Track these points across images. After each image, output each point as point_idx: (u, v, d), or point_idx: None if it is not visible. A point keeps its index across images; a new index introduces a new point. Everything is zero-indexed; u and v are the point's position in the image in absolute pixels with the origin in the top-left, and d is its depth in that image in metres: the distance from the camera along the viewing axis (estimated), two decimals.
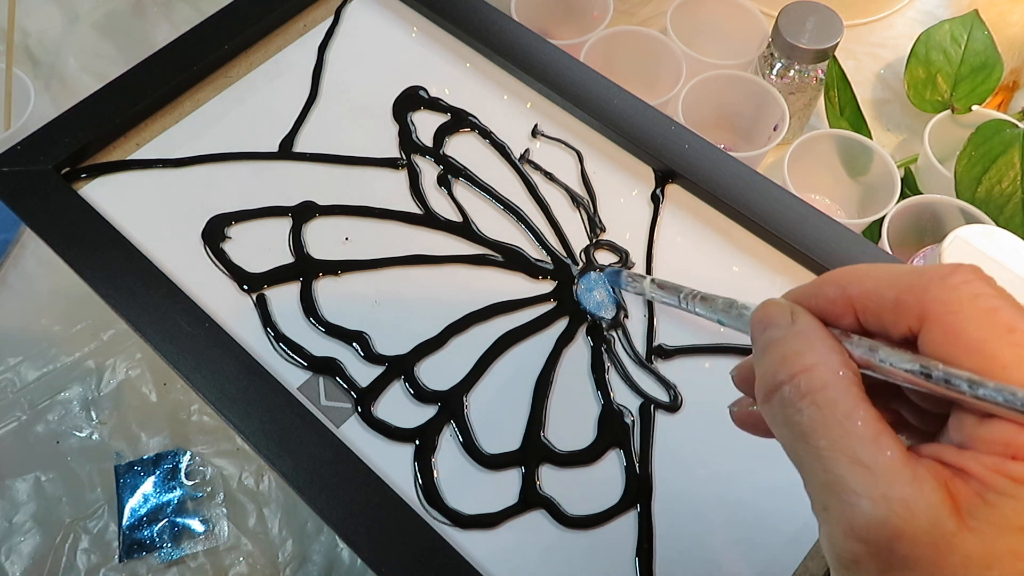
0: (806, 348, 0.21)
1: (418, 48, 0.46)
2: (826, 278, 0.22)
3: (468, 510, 0.34)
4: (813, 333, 0.21)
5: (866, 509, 0.18)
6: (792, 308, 0.22)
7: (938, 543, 0.18)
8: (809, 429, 0.20)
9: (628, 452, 0.35)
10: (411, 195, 0.41)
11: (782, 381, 0.21)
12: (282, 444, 0.34)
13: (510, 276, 0.39)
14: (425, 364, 0.37)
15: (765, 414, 0.22)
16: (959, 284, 0.19)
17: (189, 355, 0.36)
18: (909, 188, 0.57)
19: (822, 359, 0.20)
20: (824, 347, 0.21)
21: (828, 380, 0.20)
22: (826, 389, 0.20)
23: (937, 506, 0.18)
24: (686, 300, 0.31)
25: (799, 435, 0.20)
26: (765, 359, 0.22)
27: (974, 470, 0.18)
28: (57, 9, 0.70)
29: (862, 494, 0.18)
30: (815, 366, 0.20)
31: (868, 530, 0.18)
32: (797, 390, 0.20)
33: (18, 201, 0.40)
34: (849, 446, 0.19)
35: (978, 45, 0.60)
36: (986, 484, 0.18)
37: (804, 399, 0.20)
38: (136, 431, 0.50)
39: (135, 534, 0.47)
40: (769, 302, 0.23)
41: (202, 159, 0.42)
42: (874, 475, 0.18)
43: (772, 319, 0.22)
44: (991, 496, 0.18)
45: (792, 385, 0.20)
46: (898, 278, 0.20)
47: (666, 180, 0.42)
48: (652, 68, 0.60)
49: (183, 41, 0.45)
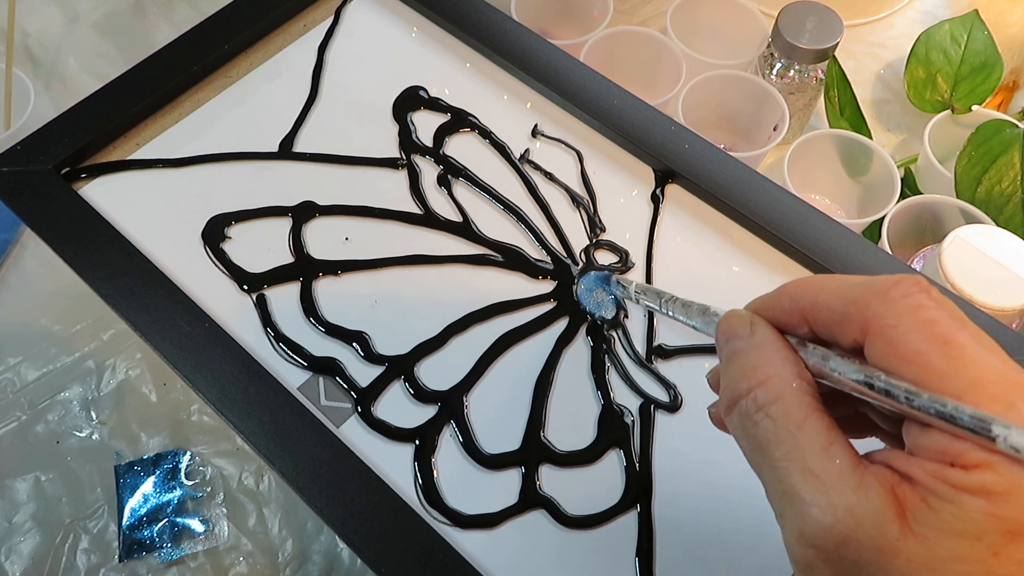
0: (762, 361, 0.22)
1: (418, 48, 0.46)
2: (782, 290, 0.23)
3: (468, 510, 0.34)
4: (770, 345, 0.22)
5: (815, 516, 0.19)
6: (752, 319, 0.23)
7: (882, 547, 0.18)
8: (764, 441, 0.21)
9: (628, 452, 0.35)
10: (411, 195, 0.41)
11: (740, 394, 0.21)
12: (282, 444, 0.34)
13: (510, 276, 0.39)
14: (425, 364, 0.37)
15: (729, 425, 0.22)
16: (898, 297, 0.20)
17: (189, 355, 0.36)
18: (909, 188, 0.57)
19: (776, 372, 0.21)
20: (779, 359, 0.21)
21: (782, 392, 0.21)
22: (780, 401, 0.21)
23: (881, 512, 0.18)
24: (666, 305, 0.31)
25: (756, 447, 0.21)
26: (728, 371, 0.23)
27: (918, 476, 0.19)
28: (57, 9, 0.70)
29: (811, 502, 0.19)
30: (769, 379, 0.21)
31: (817, 536, 0.19)
32: (754, 403, 0.21)
33: (18, 201, 0.40)
34: (800, 456, 0.20)
35: (978, 45, 0.60)
36: (929, 490, 0.18)
37: (760, 411, 0.21)
38: (136, 431, 0.50)
39: (135, 534, 0.47)
40: (732, 313, 0.24)
41: (202, 159, 0.42)
42: (823, 483, 0.19)
43: (734, 330, 0.23)
44: (934, 501, 0.18)
45: (749, 399, 0.21)
46: (845, 291, 0.21)
47: (666, 180, 0.42)
48: (652, 68, 0.60)
49: (183, 41, 0.45)
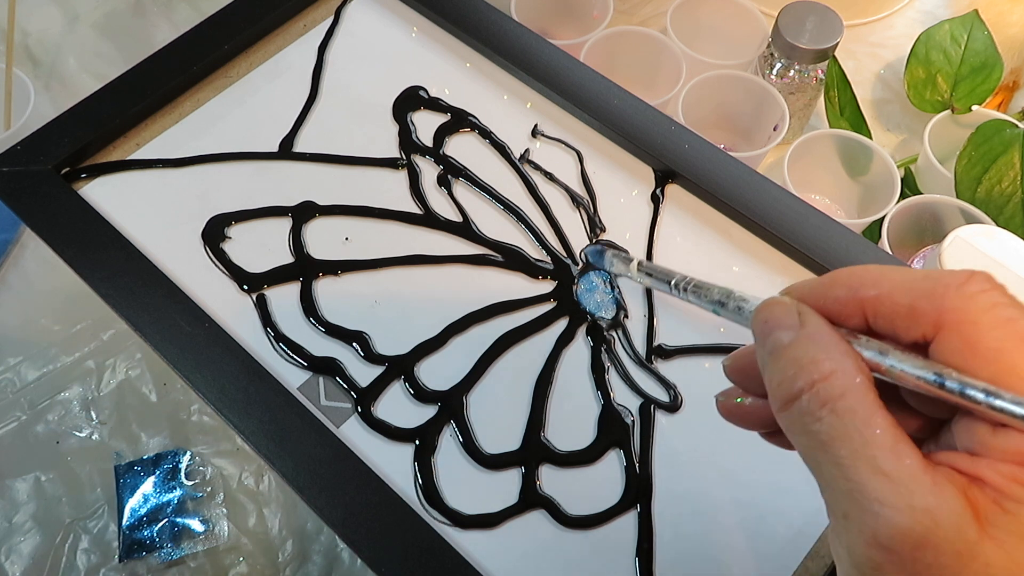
0: (822, 354, 0.20)
1: (418, 48, 0.46)
2: (834, 278, 0.22)
3: (468, 510, 0.34)
4: (827, 337, 0.21)
5: (890, 518, 0.18)
6: (799, 309, 0.22)
7: (960, 551, 0.18)
8: (828, 438, 0.19)
9: (628, 452, 0.35)
10: (411, 195, 0.41)
11: (801, 389, 0.20)
12: (282, 444, 0.34)
13: (510, 276, 0.39)
14: (425, 364, 0.37)
15: (782, 422, 0.21)
16: (976, 293, 0.19)
17: (189, 355, 0.36)
18: (909, 188, 0.57)
19: (839, 365, 0.20)
20: (839, 352, 0.20)
21: (847, 387, 0.20)
22: (844, 397, 0.20)
23: (960, 514, 0.18)
24: (677, 287, 0.30)
25: (818, 444, 0.20)
26: (777, 364, 0.21)
27: (990, 479, 0.18)
28: (57, 9, 0.70)
29: (886, 503, 0.18)
30: (833, 373, 0.20)
31: (892, 539, 0.18)
32: (816, 398, 0.20)
33: (18, 201, 0.40)
34: (869, 455, 0.19)
35: (978, 45, 0.60)
36: (1003, 493, 0.18)
37: (824, 407, 0.20)
38: (136, 431, 0.50)
39: (135, 534, 0.47)
40: (773, 301, 0.22)
41: (202, 159, 0.42)
42: (896, 484, 0.18)
43: (779, 320, 0.22)
44: (1009, 505, 0.18)
45: (811, 394, 0.20)
46: (913, 284, 0.20)
47: (666, 180, 0.42)
48: (652, 68, 0.60)
49: (183, 41, 0.45)
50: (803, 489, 0.34)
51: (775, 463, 0.25)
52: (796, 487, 0.34)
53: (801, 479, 0.34)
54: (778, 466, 0.34)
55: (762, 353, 0.22)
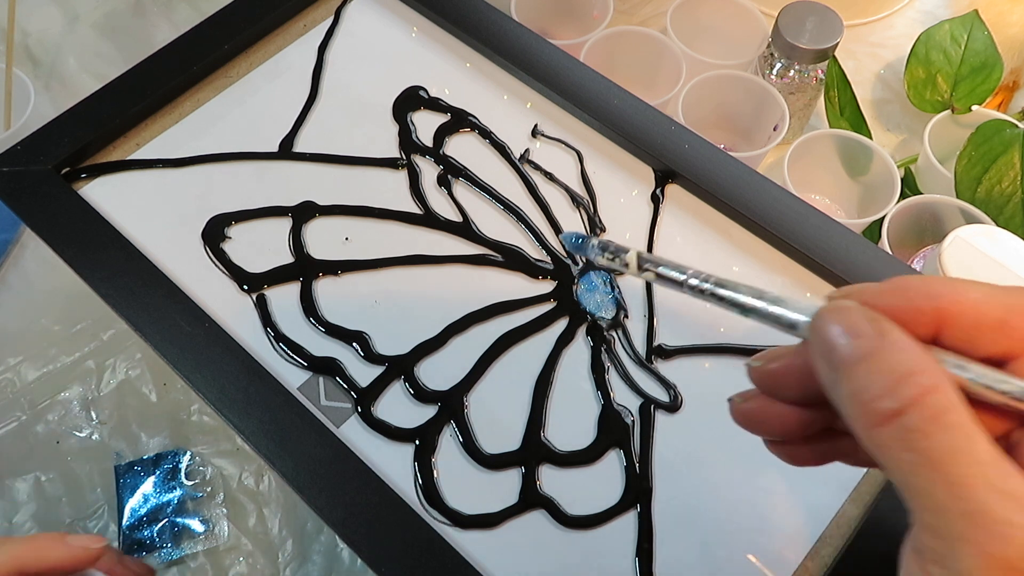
0: (920, 366, 0.19)
1: (418, 48, 0.46)
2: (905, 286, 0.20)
3: (468, 510, 0.34)
4: (915, 348, 0.19)
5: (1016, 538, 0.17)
6: (873, 316, 0.20)
7: None
8: (940, 455, 0.18)
9: (628, 452, 0.35)
10: (411, 195, 0.41)
11: (906, 404, 0.19)
12: (282, 444, 0.34)
13: (510, 276, 0.39)
14: (425, 364, 0.37)
15: (873, 439, 0.19)
16: None
17: (189, 355, 0.36)
18: (909, 188, 0.57)
19: (939, 379, 0.19)
20: (933, 364, 0.19)
21: (953, 401, 0.18)
22: (951, 412, 0.18)
23: None
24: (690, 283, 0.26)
25: (928, 462, 0.18)
26: (858, 376, 0.19)
27: None
28: (57, 9, 0.70)
29: (1013, 523, 0.17)
30: (937, 387, 0.19)
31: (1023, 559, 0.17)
32: (924, 413, 0.18)
33: (18, 201, 0.40)
34: (983, 472, 0.18)
35: (978, 45, 0.60)
36: None
37: (934, 423, 0.18)
38: (136, 431, 0.50)
39: (135, 534, 0.47)
40: (842, 307, 0.20)
41: (202, 159, 0.42)
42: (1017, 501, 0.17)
43: (856, 327, 0.20)
44: None
45: (920, 407, 0.18)
46: (1006, 297, 0.20)
47: (666, 180, 0.42)
48: (652, 68, 0.60)
49: (183, 41, 0.45)
50: (803, 489, 0.34)
51: (775, 463, 0.25)
52: (796, 487, 0.34)
53: (801, 479, 0.34)
54: (778, 466, 0.33)
55: (829, 362, 0.20)
